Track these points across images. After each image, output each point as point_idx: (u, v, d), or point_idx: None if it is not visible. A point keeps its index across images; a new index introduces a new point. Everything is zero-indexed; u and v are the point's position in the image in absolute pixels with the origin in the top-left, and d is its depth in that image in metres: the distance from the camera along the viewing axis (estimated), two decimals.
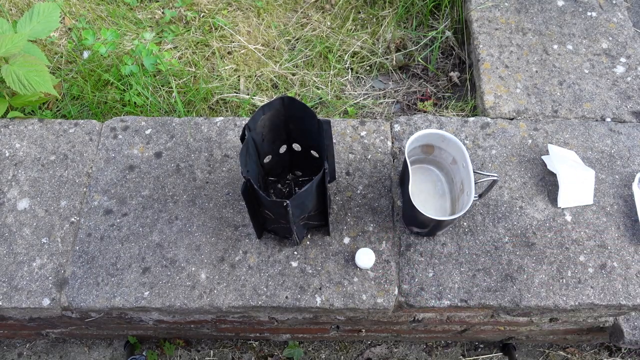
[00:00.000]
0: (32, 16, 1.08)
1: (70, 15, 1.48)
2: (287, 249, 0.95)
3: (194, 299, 0.91)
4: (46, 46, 1.42)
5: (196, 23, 1.47)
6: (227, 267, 0.94)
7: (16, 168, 1.04)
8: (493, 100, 1.14)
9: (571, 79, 1.17)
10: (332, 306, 0.91)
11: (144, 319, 1.03)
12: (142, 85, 1.31)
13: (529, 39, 1.23)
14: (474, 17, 1.28)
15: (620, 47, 1.21)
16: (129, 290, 0.92)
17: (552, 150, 1.03)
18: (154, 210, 0.99)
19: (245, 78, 1.39)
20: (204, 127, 1.09)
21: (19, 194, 1.01)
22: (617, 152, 1.06)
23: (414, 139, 0.92)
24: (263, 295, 0.91)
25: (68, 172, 1.04)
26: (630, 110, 1.13)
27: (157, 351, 1.25)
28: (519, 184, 1.02)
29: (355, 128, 1.09)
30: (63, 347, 1.25)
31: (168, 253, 0.95)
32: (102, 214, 0.99)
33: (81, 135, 1.08)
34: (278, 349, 1.26)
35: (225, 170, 1.03)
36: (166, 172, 1.03)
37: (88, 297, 0.91)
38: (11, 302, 0.92)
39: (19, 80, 1.00)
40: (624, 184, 1.02)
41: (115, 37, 1.35)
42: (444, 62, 1.45)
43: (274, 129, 0.88)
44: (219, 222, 0.98)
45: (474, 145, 1.06)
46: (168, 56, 1.37)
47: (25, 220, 0.99)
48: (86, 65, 1.37)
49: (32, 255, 0.95)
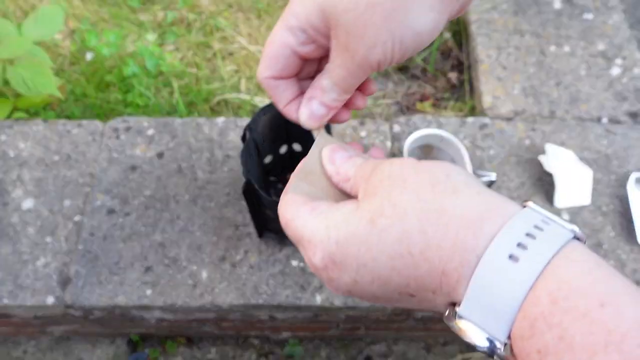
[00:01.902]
0: (37, 19, 1.10)
1: (73, 18, 1.49)
2: (288, 248, 0.96)
3: (196, 297, 0.92)
4: (50, 48, 1.43)
5: (197, 25, 1.49)
6: (228, 266, 0.95)
7: (20, 168, 1.06)
8: (491, 101, 1.15)
9: (568, 80, 1.18)
10: (332, 305, 0.92)
11: (146, 317, 1.04)
12: (144, 86, 1.33)
13: (526, 40, 1.25)
14: (472, 18, 1.30)
15: (616, 49, 1.23)
16: (131, 289, 0.93)
17: (549, 151, 1.04)
18: (156, 210, 1.00)
19: (247, 79, 1.41)
20: (206, 127, 1.10)
21: (23, 194, 1.03)
22: (613, 153, 1.07)
23: (413, 139, 0.93)
24: (264, 294, 0.92)
25: (71, 172, 1.05)
26: (626, 111, 1.14)
27: (159, 349, 1.26)
28: (517, 184, 1.03)
29: (354, 128, 1.10)
30: (67, 345, 1.26)
31: (170, 252, 0.96)
32: (105, 214, 1.00)
33: (84, 135, 1.10)
34: (278, 347, 1.27)
35: (226, 171, 1.05)
36: (168, 172, 1.05)
37: (91, 295, 0.93)
38: (16, 300, 0.93)
39: (24, 81, 1.02)
40: (620, 184, 1.03)
41: (118, 39, 1.37)
42: (442, 63, 1.46)
43: (274, 129, 0.89)
44: (220, 222, 0.99)
45: (473, 145, 1.08)
46: (170, 57, 1.39)
47: (30, 220, 1.00)
48: (89, 66, 1.38)
49: (37, 254, 0.97)
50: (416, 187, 0.30)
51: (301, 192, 0.38)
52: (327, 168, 0.38)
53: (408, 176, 0.31)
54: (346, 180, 0.36)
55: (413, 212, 0.29)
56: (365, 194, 0.32)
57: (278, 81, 0.38)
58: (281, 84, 0.38)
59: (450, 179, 0.30)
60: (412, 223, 0.29)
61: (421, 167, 0.32)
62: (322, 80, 0.37)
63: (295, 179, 0.39)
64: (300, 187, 0.38)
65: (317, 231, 0.32)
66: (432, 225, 0.29)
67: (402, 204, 0.30)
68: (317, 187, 0.38)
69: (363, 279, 0.31)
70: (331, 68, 0.36)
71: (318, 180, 0.39)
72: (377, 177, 0.32)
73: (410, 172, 0.31)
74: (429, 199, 0.29)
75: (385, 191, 0.31)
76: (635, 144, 1.08)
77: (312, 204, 0.35)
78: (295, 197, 0.36)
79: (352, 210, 0.32)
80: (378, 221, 0.30)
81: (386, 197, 0.30)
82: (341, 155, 0.38)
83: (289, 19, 0.35)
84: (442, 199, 0.29)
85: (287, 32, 0.36)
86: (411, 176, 0.31)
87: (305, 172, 0.39)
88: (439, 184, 0.30)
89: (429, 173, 0.31)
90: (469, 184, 0.31)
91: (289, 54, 0.36)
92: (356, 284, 0.31)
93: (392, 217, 0.29)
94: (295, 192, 0.38)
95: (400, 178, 0.31)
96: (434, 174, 0.31)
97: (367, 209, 0.31)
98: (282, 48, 0.36)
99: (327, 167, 0.38)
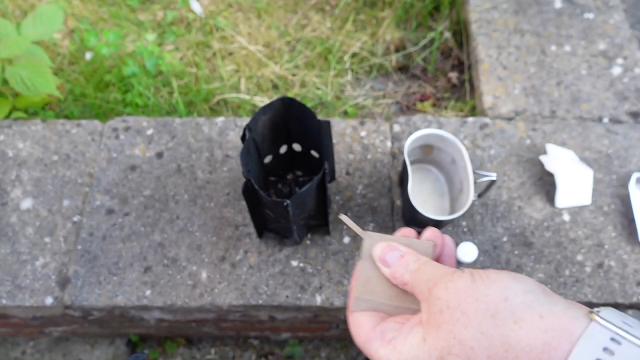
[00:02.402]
0: (36, 18, 1.09)
1: (72, 17, 1.49)
2: (288, 249, 0.96)
3: (195, 298, 0.92)
4: (49, 47, 1.43)
5: (197, 24, 1.48)
6: (228, 266, 0.95)
7: (19, 168, 1.05)
8: (492, 101, 1.15)
9: (569, 80, 1.18)
10: (332, 305, 0.92)
11: (145, 317, 1.04)
12: (144, 86, 1.33)
13: (527, 40, 1.24)
14: (472, 18, 1.29)
15: (617, 48, 1.22)
16: (130, 289, 0.93)
17: (550, 150, 1.03)
18: (156, 210, 1.00)
19: (246, 78, 1.40)
20: (205, 127, 1.10)
21: (22, 194, 1.02)
22: (614, 152, 1.07)
23: (413, 139, 0.93)
24: (263, 294, 0.92)
25: (70, 172, 1.05)
26: (627, 111, 1.14)
27: (158, 349, 1.26)
28: (518, 184, 1.03)
29: (355, 128, 1.10)
30: (66, 345, 1.26)
31: (169, 252, 0.96)
32: (104, 214, 1.00)
33: (83, 135, 1.09)
34: (278, 348, 1.27)
35: (226, 170, 1.04)
36: (167, 172, 1.04)
37: (90, 295, 0.92)
38: (15, 300, 0.93)
39: (23, 81, 1.01)
40: (621, 183, 1.03)
41: (117, 39, 1.37)
42: (443, 63, 1.46)
43: (274, 129, 0.89)
44: (219, 222, 0.99)
45: (473, 145, 1.07)
46: (169, 57, 1.38)
47: (29, 220, 1.00)
48: (88, 66, 1.38)
49: (35, 254, 0.96)
50: (477, 320, 0.30)
51: (365, 307, 0.39)
52: (383, 271, 0.39)
53: (466, 307, 0.31)
54: (404, 284, 0.38)
55: (480, 349, 0.30)
56: (429, 322, 0.33)
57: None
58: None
59: (509, 304, 0.30)
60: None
61: (477, 292, 0.32)
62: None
63: (355, 293, 0.40)
64: (363, 302, 0.39)
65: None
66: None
67: (467, 342, 0.30)
68: (378, 293, 0.39)
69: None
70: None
71: (377, 284, 0.40)
72: (437, 305, 0.33)
73: (468, 301, 0.31)
74: (492, 334, 0.30)
75: (448, 325, 0.31)
76: (637, 144, 1.07)
77: (380, 329, 0.37)
78: (362, 319, 0.38)
79: (420, 344, 0.33)
80: (448, 359, 0.31)
81: (450, 333, 0.31)
82: (392, 256, 0.39)
83: None
84: (505, 330, 0.30)
85: None
86: (469, 306, 0.31)
87: (362, 283, 0.40)
88: (498, 313, 0.30)
89: (486, 301, 0.31)
90: (530, 305, 0.30)
91: None
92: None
93: (461, 355, 0.30)
94: (359, 308, 0.40)
95: (459, 310, 0.31)
96: (491, 301, 0.31)
97: (435, 346, 0.32)
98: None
99: (383, 270, 0.39)
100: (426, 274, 0.35)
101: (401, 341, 0.34)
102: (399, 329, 0.36)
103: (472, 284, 0.32)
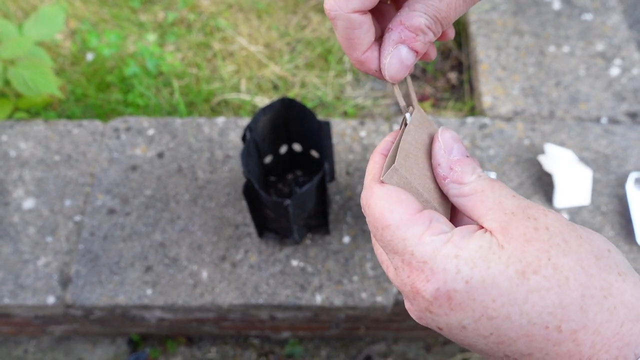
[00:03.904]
0: (38, 19, 1.10)
1: (74, 18, 1.50)
2: (288, 248, 0.97)
3: (196, 297, 0.93)
4: (51, 48, 1.43)
5: (198, 25, 1.49)
6: (229, 265, 0.95)
7: (21, 168, 1.06)
8: (491, 101, 1.15)
9: (567, 81, 1.18)
10: (332, 304, 0.92)
11: (146, 316, 1.04)
12: (145, 87, 1.33)
13: (526, 41, 1.25)
14: (472, 19, 1.30)
15: (615, 49, 1.23)
16: (131, 288, 0.93)
17: (549, 151, 1.04)
18: (157, 210, 1.01)
19: (247, 79, 1.41)
20: (206, 127, 1.10)
21: (24, 194, 1.03)
22: (612, 153, 1.07)
23: None
24: (264, 293, 0.93)
25: (72, 172, 1.05)
26: (625, 112, 1.14)
27: (159, 348, 1.27)
28: (516, 184, 1.03)
29: (354, 128, 1.10)
30: (67, 344, 1.26)
31: (170, 252, 0.97)
32: (106, 214, 1.01)
33: (85, 135, 1.10)
34: (279, 347, 1.28)
35: (226, 171, 1.05)
36: (168, 172, 1.05)
37: (92, 295, 0.93)
38: (17, 299, 0.93)
39: (25, 82, 1.02)
40: (619, 183, 1.04)
41: (119, 39, 1.37)
42: (442, 64, 1.46)
43: (274, 129, 0.89)
44: (220, 222, 0.99)
45: (472, 145, 1.08)
46: (170, 58, 1.39)
47: (31, 220, 1.00)
48: (90, 66, 1.38)
49: (37, 253, 0.97)
50: (580, 255, 0.27)
51: (396, 184, 0.30)
52: (438, 156, 0.32)
53: (569, 238, 0.27)
54: (458, 183, 0.31)
55: (576, 283, 0.26)
56: (510, 233, 0.28)
57: (364, 17, 0.31)
58: (366, 22, 0.31)
59: (613, 256, 0.28)
60: (574, 297, 0.26)
61: (580, 231, 0.28)
62: (415, 19, 0.30)
63: (396, 164, 0.30)
64: (399, 177, 0.30)
65: (442, 258, 0.27)
66: (595, 305, 0.26)
67: (564, 270, 0.26)
68: (415, 177, 0.31)
69: (477, 331, 0.27)
70: (429, 2, 0.30)
71: (416, 166, 0.31)
72: (530, 222, 0.28)
73: (572, 234, 0.28)
74: (594, 274, 0.26)
75: (543, 244, 0.27)
76: (634, 144, 1.08)
77: (428, 214, 0.29)
78: (401, 195, 0.30)
79: (494, 249, 0.27)
80: (532, 278, 0.26)
81: (545, 253, 0.27)
82: (460, 149, 0.32)
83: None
84: (608, 277, 0.26)
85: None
86: (572, 239, 0.27)
87: (404, 156, 0.31)
88: (602, 258, 0.27)
89: (590, 242, 0.28)
90: (630, 268, 0.28)
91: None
92: (463, 330, 0.28)
93: (551, 280, 0.26)
94: (393, 182, 0.30)
95: (560, 236, 0.27)
96: (596, 245, 0.28)
97: (518, 257, 0.27)
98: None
99: (439, 155, 0.32)
100: (511, 197, 0.30)
101: (463, 238, 0.28)
102: (452, 227, 0.29)
103: (573, 225, 0.29)
